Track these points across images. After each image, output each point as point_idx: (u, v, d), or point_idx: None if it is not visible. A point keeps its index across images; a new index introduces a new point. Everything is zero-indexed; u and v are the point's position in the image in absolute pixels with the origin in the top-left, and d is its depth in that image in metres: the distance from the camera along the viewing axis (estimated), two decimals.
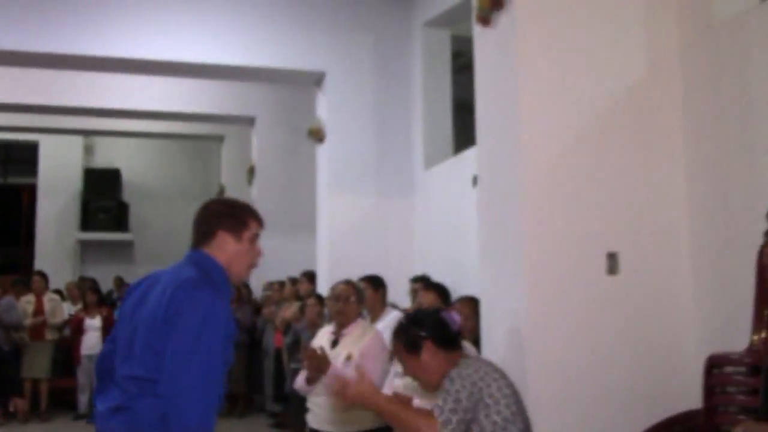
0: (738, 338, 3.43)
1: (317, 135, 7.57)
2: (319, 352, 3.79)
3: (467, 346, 3.62)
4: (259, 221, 2.60)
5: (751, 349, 3.25)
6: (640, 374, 3.95)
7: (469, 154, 6.57)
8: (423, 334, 2.71)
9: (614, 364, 3.94)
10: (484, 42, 4.45)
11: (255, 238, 2.57)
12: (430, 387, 2.72)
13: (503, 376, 2.65)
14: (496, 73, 4.33)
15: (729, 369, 3.30)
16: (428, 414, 2.53)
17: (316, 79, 7.59)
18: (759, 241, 3.34)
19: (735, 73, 3.91)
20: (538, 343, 3.86)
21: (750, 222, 3.72)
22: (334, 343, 3.96)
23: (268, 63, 7.24)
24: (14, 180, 15.67)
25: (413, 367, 2.73)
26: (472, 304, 4.43)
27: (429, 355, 2.68)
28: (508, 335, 3.97)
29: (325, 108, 7.52)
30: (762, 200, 3.67)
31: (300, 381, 4.03)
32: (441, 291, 3.99)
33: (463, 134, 8.15)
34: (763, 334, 3.23)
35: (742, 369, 3.24)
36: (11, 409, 7.03)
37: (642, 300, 4.02)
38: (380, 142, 7.52)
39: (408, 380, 3.15)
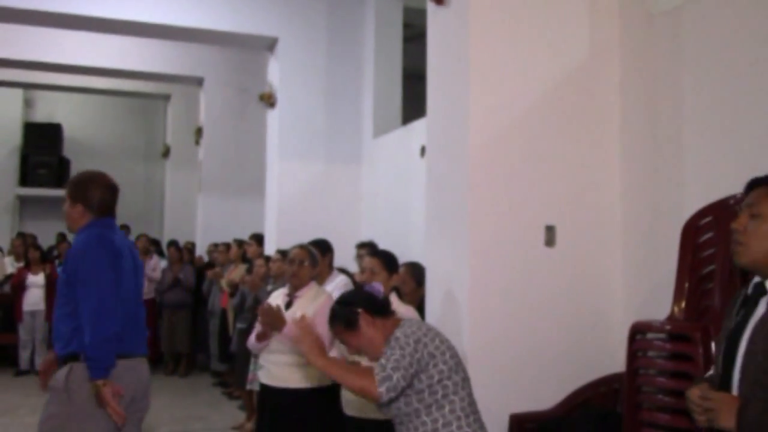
0: (661, 308, 3.73)
1: (268, 100, 7.66)
2: (275, 308, 3.96)
3: (408, 308, 3.84)
4: None
5: (672, 317, 3.55)
6: (571, 339, 4.25)
7: (418, 125, 6.77)
8: (357, 309, 2.86)
9: (547, 330, 4.21)
10: (437, 18, 4.61)
11: None
12: (376, 356, 2.82)
13: (440, 334, 2.83)
14: (448, 48, 4.51)
15: (651, 335, 3.58)
16: (368, 372, 2.65)
17: (269, 44, 7.65)
18: (685, 218, 3.64)
19: (669, 61, 4.17)
20: (476, 307, 4.09)
21: (677, 200, 4.04)
22: (288, 305, 4.13)
23: (221, 26, 7.27)
24: None
25: (356, 342, 2.85)
26: (412, 268, 4.67)
27: (367, 325, 2.83)
28: (449, 298, 4.21)
29: (277, 73, 7.60)
30: (690, 181, 3.99)
31: (252, 339, 4.20)
32: (387, 258, 4.11)
33: (411, 104, 8.33)
34: (683, 305, 3.53)
35: (663, 336, 3.53)
36: None
37: (575, 271, 4.30)
38: (330, 110, 7.65)
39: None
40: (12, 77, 11.48)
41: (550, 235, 4.26)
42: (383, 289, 3.25)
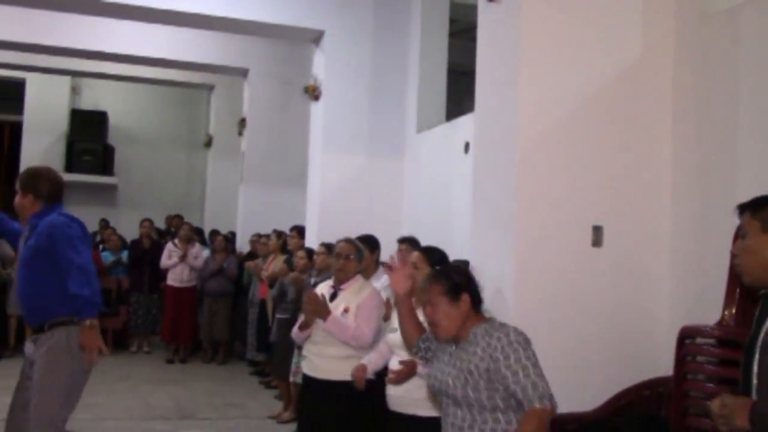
0: (710, 312, 3.67)
1: (313, 92, 7.69)
2: (321, 298, 4.00)
3: None
4: None
5: (722, 323, 3.49)
6: (616, 341, 4.20)
7: (462, 121, 6.74)
8: (465, 286, 2.79)
9: (592, 331, 4.18)
10: (488, 13, 4.58)
11: None
12: (446, 336, 2.78)
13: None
14: (498, 44, 4.48)
15: (700, 340, 3.54)
16: (532, 408, 2.60)
17: (315, 37, 7.68)
18: (737, 221, 3.56)
19: (724, 62, 4.10)
20: (521, 306, 4.08)
21: (730, 203, 3.90)
22: (333, 297, 4.15)
23: (268, 18, 7.32)
24: None
25: (443, 311, 2.74)
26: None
27: (465, 306, 2.76)
28: (494, 297, 4.19)
29: (322, 66, 7.62)
30: (742, 182, 3.91)
31: (295, 329, 4.24)
32: (432, 254, 4.06)
33: (453, 100, 8.31)
34: (734, 310, 3.47)
35: (712, 341, 3.48)
36: None
37: (623, 272, 4.26)
38: (374, 103, 7.65)
39: (397, 335, 3.33)
40: (60, 65, 11.68)
41: (598, 235, 4.21)
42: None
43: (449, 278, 2.79)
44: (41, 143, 13.91)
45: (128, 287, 10.07)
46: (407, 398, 3.40)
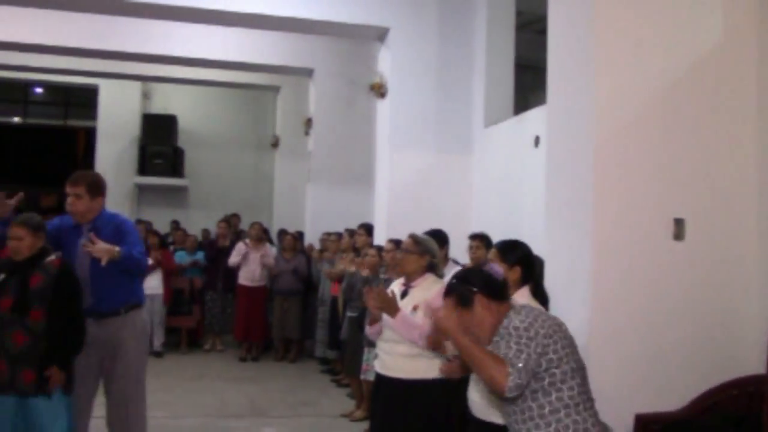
0: None
1: (378, 90, 7.66)
2: (390, 295, 3.95)
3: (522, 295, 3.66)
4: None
5: None
6: (701, 338, 4.05)
7: (531, 114, 6.62)
8: (474, 289, 2.84)
9: (676, 327, 4.03)
10: (560, 3, 4.47)
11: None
12: (484, 339, 2.81)
13: (555, 321, 2.77)
14: (571, 34, 4.36)
15: None
16: (503, 363, 2.60)
17: (380, 35, 7.65)
18: None
19: None
20: (599, 302, 3.96)
21: None
22: (404, 294, 4.10)
23: (333, 17, 7.33)
24: (74, 122, 16.08)
25: (467, 321, 2.82)
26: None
27: (481, 307, 2.82)
28: (573, 295, 4.08)
29: (388, 63, 7.59)
30: None
31: (367, 327, 4.21)
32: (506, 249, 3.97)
33: (521, 93, 8.17)
34: None
35: None
36: None
37: (706, 266, 4.09)
38: (441, 99, 7.59)
39: None
40: (131, 70, 11.96)
41: (680, 229, 4.06)
42: (501, 271, 3.20)
43: (454, 291, 2.91)
44: (115, 148, 14.30)
45: (202, 287, 10.24)
46: (483, 404, 3.25)
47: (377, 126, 8.03)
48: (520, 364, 2.58)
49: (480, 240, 5.66)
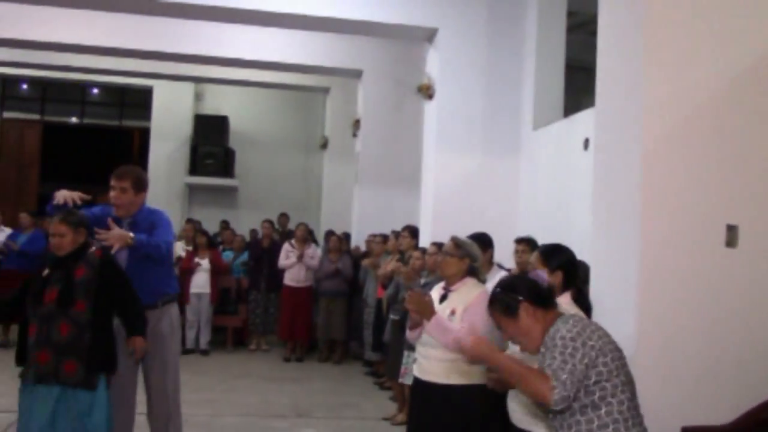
0: None
1: (426, 91, 7.61)
2: (427, 299, 3.90)
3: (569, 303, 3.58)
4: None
5: None
6: (753, 350, 3.89)
7: (581, 116, 6.49)
8: (518, 297, 2.78)
9: (726, 338, 3.89)
10: (610, 4, 4.36)
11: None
12: (532, 348, 2.78)
13: (604, 333, 2.70)
14: (621, 36, 4.25)
15: None
16: (546, 377, 2.56)
17: (428, 35, 7.60)
18: None
19: None
20: (647, 310, 3.85)
21: None
22: (443, 298, 4.04)
23: (383, 18, 7.31)
24: (129, 123, 16.42)
25: (513, 330, 2.80)
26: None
27: (527, 315, 2.76)
28: (619, 304, 3.97)
29: (436, 64, 7.53)
30: None
31: (408, 330, 4.16)
32: (548, 253, 3.86)
33: (572, 95, 8.02)
34: None
35: None
36: None
37: (760, 274, 3.94)
38: (489, 101, 7.50)
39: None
40: (185, 72, 12.15)
41: (732, 235, 3.92)
42: (546, 278, 3.13)
43: (499, 300, 2.86)
44: (167, 148, 14.56)
45: (247, 286, 10.33)
46: (523, 413, 3.16)
47: (424, 128, 7.97)
48: (565, 376, 2.53)
49: (526, 244, 5.57)
